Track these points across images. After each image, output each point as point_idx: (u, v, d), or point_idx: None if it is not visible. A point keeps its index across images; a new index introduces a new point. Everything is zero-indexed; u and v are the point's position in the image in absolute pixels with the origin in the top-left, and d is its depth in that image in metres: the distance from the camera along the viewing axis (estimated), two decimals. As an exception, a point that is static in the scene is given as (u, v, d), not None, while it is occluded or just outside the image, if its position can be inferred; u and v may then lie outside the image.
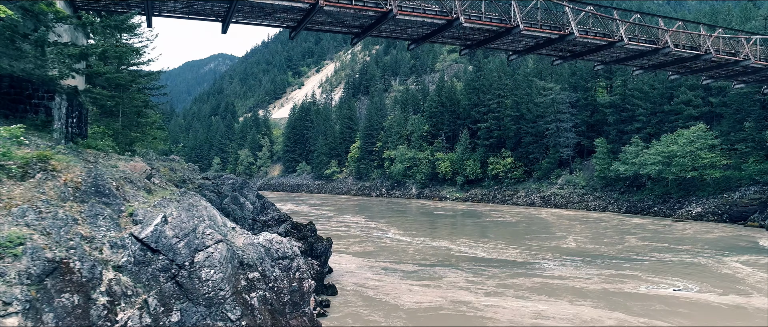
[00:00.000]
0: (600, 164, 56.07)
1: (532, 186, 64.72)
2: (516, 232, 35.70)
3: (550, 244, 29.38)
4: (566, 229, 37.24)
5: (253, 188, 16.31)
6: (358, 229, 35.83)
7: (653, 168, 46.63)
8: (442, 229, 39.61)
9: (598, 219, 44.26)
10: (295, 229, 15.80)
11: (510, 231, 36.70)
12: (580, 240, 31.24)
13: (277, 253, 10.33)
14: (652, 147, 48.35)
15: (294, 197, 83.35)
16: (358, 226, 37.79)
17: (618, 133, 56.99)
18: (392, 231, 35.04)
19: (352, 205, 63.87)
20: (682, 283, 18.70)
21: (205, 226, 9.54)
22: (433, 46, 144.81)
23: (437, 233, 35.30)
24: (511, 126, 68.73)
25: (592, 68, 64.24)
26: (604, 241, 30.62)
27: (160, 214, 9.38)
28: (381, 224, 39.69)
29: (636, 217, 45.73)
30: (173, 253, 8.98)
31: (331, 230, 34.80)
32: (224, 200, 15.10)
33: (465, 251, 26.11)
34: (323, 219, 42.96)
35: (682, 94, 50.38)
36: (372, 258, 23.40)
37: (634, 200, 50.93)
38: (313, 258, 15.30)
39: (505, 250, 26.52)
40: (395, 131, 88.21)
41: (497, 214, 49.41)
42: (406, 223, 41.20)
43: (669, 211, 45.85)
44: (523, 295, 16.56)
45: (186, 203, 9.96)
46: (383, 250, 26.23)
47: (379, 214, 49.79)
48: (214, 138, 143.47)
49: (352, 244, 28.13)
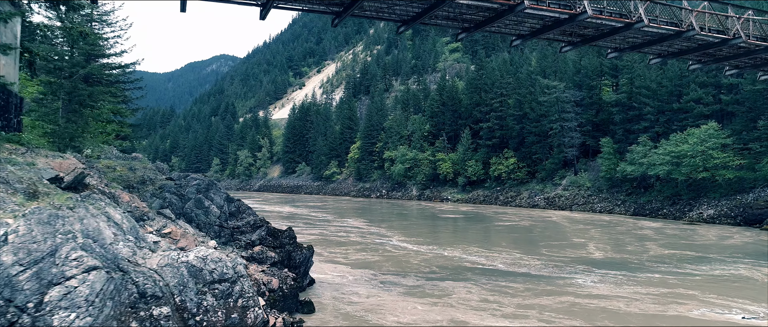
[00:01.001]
0: (606, 165, 54.21)
1: (535, 187, 62.87)
2: (531, 239, 33.03)
3: (571, 252, 26.52)
4: (582, 234, 34.85)
5: (220, 190, 14.54)
6: (359, 235, 33.50)
7: (662, 168, 44.76)
8: (450, 234, 37.03)
9: (609, 222, 42.08)
10: (271, 235, 14.10)
11: (524, 237, 34.02)
12: (603, 247, 28.32)
13: (212, 275, 8.19)
14: (661, 147, 46.49)
15: (293, 199, 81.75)
16: (359, 232, 35.37)
17: (624, 132, 55.12)
18: (396, 237, 32.31)
19: (352, 207, 61.95)
20: (742, 304, 15.61)
21: (71, 248, 6.92)
22: (434, 44, 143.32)
23: (445, 239, 32.66)
24: (513, 125, 66.91)
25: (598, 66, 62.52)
26: (628, 249, 27.83)
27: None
28: (383, 229, 37.15)
29: (645, 220, 43.83)
30: (11, 290, 6.30)
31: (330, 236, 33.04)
32: (187, 204, 13.33)
33: (478, 261, 23.31)
34: (322, 223, 41.15)
35: (692, 91, 48.49)
36: (370, 268, 21.11)
37: (641, 202, 49.05)
38: (290, 269, 13.56)
39: (523, 261, 23.59)
40: (395, 131, 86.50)
41: (505, 217, 47.20)
42: (410, 228, 38.94)
43: (679, 214, 43.94)
44: (551, 320, 13.64)
45: (45, 215, 7.14)
46: (385, 259, 23.81)
47: (380, 218, 47.64)
48: (214, 139, 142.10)
49: (351, 252, 25.96)
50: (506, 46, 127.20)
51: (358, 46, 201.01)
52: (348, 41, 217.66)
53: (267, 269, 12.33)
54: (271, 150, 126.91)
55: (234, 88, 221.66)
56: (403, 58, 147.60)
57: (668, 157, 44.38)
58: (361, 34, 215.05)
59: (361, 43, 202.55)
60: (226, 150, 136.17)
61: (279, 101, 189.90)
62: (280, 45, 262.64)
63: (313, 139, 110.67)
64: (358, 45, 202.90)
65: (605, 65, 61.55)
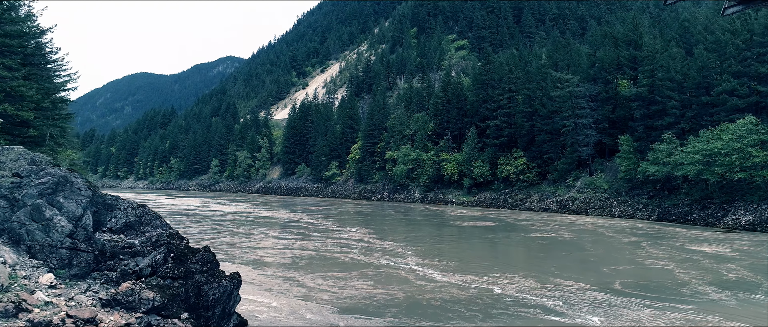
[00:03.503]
0: (625, 165, 49.32)
1: (547, 189, 58.03)
2: (587, 259, 25.36)
3: (656, 279, 20.07)
4: (637, 248, 27.84)
5: (82, 190, 9.76)
6: (363, 251, 26.87)
7: (691, 168, 39.86)
8: (481, 251, 29.23)
9: (658, 231, 35.80)
10: (177, 259, 9.63)
11: (579, 257, 26.17)
12: (691, 273, 21.36)
13: None
14: (689, 144, 41.58)
15: (292, 202, 77.32)
16: (364, 247, 28.37)
17: (645, 129, 50.19)
18: (412, 257, 25.06)
19: (354, 212, 56.36)
20: None
21: None
22: (439, 42, 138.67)
23: (479, 260, 25.05)
24: (523, 123, 62.10)
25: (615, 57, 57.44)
26: (728, 276, 20.73)
27: None
28: (393, 243, 30.41)
29: (680, 227, 38.86)
30: None
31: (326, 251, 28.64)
32: (17, 214, 8.76)
33: (548, 305, 16.19)
34: (321, 234, 36.36)
35: (724, 82, 43.50)
36: (379, 312, 14.83)
37: (666, 206, 44.13)
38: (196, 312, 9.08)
39: (621, 308, 16.09)
40: (398, 130, 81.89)
41: (530, 225, 40.33)
42: (424, 241, 31.94)
43: (711, 219, 38.98)
44: None
45: None
46: (404, 297, 17.01)
47: (387, 226, 41.32)
48: (213, 139, 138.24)
49: (351, 278, 20.15)
50: (514, 43, 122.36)
51: (362, 46, 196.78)
52: (352, 40, 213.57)
53: (137, 320, 7.88)
54: (270, 150, 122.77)
55: (236, 89, 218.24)
56: (408, 56, 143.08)
57: (698, 155, 39.49)
58: (366, 33, 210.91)
59: (365, 42, 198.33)
60: (225, 151, 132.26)
61: (281, 101, 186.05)
62: (285, 45, 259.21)
63: (313, 139, 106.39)
64: (362, 44, 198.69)
65: (623, 57, 56.62)
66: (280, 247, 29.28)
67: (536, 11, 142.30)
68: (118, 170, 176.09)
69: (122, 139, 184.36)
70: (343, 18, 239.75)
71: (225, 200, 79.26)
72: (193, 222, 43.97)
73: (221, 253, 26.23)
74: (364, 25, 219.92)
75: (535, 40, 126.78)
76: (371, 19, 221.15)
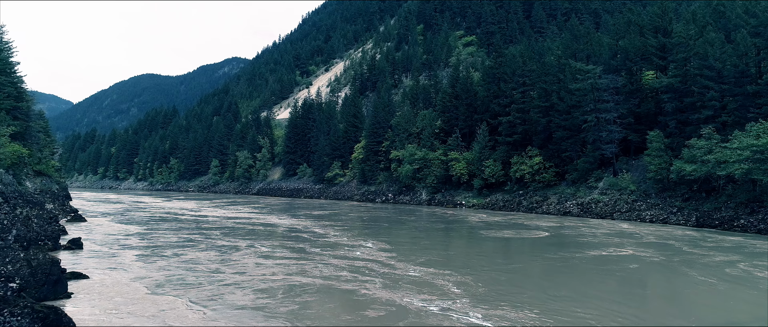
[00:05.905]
0: (655, 163, 44.31)
1: (565, 191, 53.07)
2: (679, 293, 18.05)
3: None
4: (733, 267, 21.60)
5: None
6: (385, 282, 18.42)
7: (738, 167, 34.87)
8: (547, 278, 20.31)
9: (719, 242, 29.86)
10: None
11: (670, 283, 19.23)
12: None
13: None
14: (734, 140, 36.58)
15: (293, 204, 72.56)
16: (386, 275, 19.77)
17: (678, 124, 45.21)
18: (462, 298, 16.12)
19: (361, 217, 49.12)
20: None
21: None
22: (447, 38, 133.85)
23: (558, 299, 16.23)
24: (538, 119, 57.14)
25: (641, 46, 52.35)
26: None
27: None
28: (424, 268, 21.29)
29: (727, 234, 33.77)
30: None
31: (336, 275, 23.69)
32: None
33: None
34: (326, 250, 27.89)
35: (773, 69, 38.49)
36: None
37: (705, 210, 39.10)
38: None
39: None
40: (403, 128, 77.17)
41: (579, 237, 32.37)
42: (471, 266, 22.52)
43: (763, 226, 33.92)
44: None
45: None
46: None
47: (407, 239, 32.38)
48: (214, 139, 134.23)
49: None
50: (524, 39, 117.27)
51: (367, 44, 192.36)
52: (357, 39, 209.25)
53: None
54: (272, 150, 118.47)
55: (239, 89, 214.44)
56: (414, 53, 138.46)
57: (747, 152, 34.48)
58: (371, 31, 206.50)
59: (370, 40, 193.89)
60: (226, 151, 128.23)
61: (285, 101, 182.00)
62: (289, 44, 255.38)
63: (315, 138, 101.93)
64: (367, 43, 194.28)
65: (650, 45, 51.56)
66: (270, 275, 19.89)
67: (547, 6, 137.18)
68: (118, 171, 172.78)
69: (123, 140, 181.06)
70: (348, 16, 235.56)
71: (222, 203, 74.74)
72: (170, 231, 39.40)
73: (177, 286, 17.77)
74: (370, 24, 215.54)
75: (546, 35, 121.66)
76: (377, 17, 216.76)
